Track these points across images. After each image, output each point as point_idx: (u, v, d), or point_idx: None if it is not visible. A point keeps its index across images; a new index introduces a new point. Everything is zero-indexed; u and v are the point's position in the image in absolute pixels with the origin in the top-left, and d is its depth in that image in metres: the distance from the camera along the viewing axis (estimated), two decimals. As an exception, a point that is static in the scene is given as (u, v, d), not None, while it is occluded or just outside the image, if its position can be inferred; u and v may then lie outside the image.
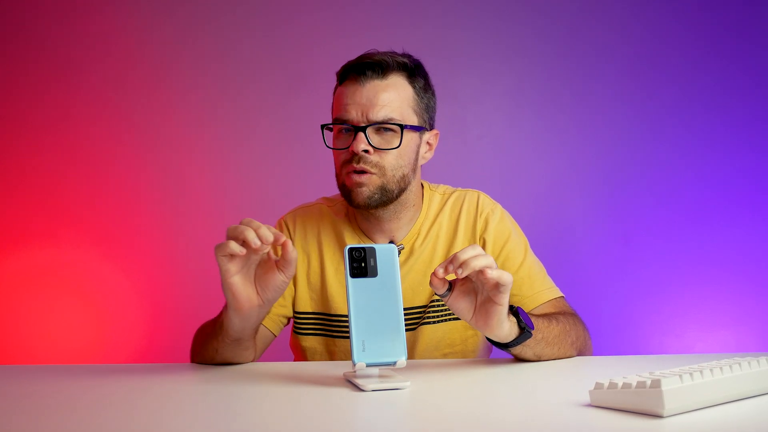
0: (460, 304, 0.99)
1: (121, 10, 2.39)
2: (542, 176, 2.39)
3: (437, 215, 1.33)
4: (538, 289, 1.27)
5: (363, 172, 1.20)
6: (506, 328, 0.99)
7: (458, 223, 1.32)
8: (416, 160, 1.28)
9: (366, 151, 1.19)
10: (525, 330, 1.02)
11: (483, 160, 2.41)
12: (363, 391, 0.88)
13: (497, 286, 0.94)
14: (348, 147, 1.20)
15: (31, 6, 2.38)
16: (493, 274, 0.93)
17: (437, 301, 1.29)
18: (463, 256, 0.94)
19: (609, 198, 2.38)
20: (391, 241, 1.31)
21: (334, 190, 1.43)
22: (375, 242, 1.31)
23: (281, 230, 1.35)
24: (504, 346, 1.05)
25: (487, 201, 1.35)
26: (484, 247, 1.30)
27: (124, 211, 2.36)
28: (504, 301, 0.96)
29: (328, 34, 2.38)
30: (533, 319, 1.06)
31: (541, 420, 0.74)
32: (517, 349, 1.06)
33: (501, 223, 1.32)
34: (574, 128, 2.40)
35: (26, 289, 2.33)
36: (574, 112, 2.40)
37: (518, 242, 1.32)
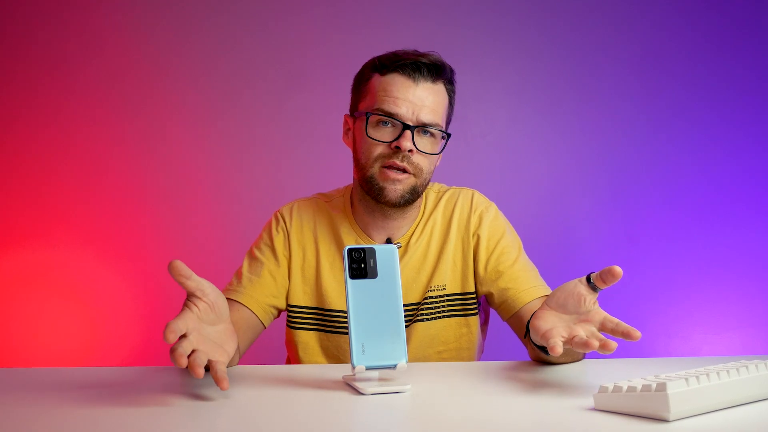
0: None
1: (116, 6, 2.38)
2: (546, 176, 2.37)
3: (431, 212, 1.34)
4: (533, 284, 1.27)
5: (403, 171, 1.21)
6: None
7: (451, 219, 1.33)
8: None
9: (410, 151, 1.20)
10: None
11: (485, 159, 2.40)
12: (362, 394, 0.87)
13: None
14: (391, 142, 1.20)
15: (24, 1, 2.37)
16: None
17: (431, 298, 1.29)
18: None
19: (614, 198, 2.36)
20: (389, 239, 1.31)
21: (331, 187, 1.42)
22: (372, 239, 1.31)
23: (277, 223, 1.35)
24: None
25: (481, 199, 1.36)
26: (477, 243, 1.31)
27: (119, 210, 2.35)
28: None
29: (327, 32, 2.38)
30: None
31: (545, 424, 0.73)
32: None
33: (495, 221, 1.33)
34: (578, 127, 2.39)
35: (18, 290, 2.32)
36: (578, 111, 2.38)
37: (512, 240, 1.33)
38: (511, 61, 2.41)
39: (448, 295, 1.29)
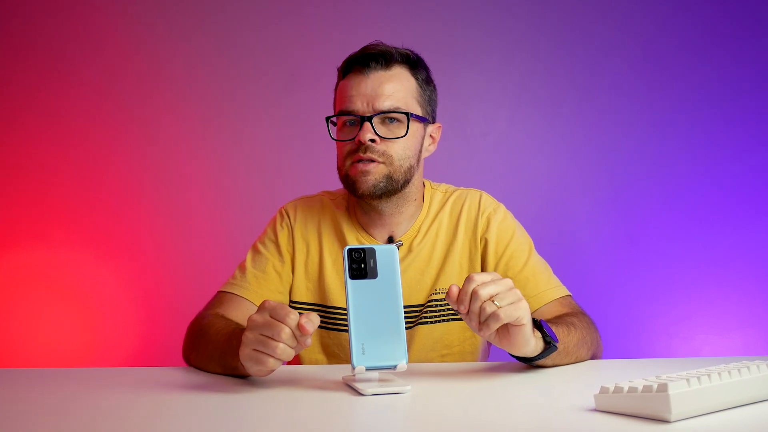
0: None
1: (116, 6, 2.37)
2: (546, 175, 2.37)
3: (437, 213, 1.33)
4: (543, 288, 1.25)
5: (370, 161, 1.20)
6: (532, 345, 0.96)
7: (458, 222, 1.31)
8: (420, 152, 1.28)
9: (372, 141, 1.20)
10: (551, 344, 0.99)
11: (485, 159, 2.39)
12: (362, 395, 0.86)
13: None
14: (353, 138, 1.21)
15: (24, 1, 2.36)
16: (502, 317, 0.89)
17: (435, 300, 1.28)
18: (473, 302, 0.91)
19: (614, 198, 2.36)
20: (390, 238, 1.31)
21: (333, 186, 1.42)
22: (373, 237, 1.31)
23: (281, 219, 1.35)
24: (528, 360, 1.02)
25: (489, 200, 1.34)
26: (485, 247, 1.29)
27: (118, 211, 2.34)
28: (526, 321, 0.92)
29: (326, 30, 2.37)
30: (554, 330, 1.04)
31: (545, 424, 0.73)
32: (540, 362, 1.03)
33: (504, 223, 1.31)
34: (579, 126, 2.38)
35: (17, 291, 2.31)
36: (579, 110, 2.38)
37: (522, 242, 1.30)
38: (511, 61, 2.41)
39: None
